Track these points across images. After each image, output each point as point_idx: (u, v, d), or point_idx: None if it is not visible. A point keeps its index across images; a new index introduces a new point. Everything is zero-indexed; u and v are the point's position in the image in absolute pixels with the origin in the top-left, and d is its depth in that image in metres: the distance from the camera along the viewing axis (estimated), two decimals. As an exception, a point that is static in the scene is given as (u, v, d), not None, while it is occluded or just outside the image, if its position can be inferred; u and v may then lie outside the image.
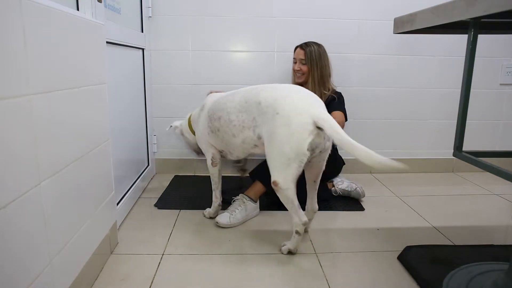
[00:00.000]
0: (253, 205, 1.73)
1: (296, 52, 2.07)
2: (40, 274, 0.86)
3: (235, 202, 1.72)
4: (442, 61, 2.45)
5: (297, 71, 2.05)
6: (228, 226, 1.63)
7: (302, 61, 2.03)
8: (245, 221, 1.70)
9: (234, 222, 1.64)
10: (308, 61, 2.01)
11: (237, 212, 1.67)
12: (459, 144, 1.07)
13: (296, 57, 2.06)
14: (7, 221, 0.74)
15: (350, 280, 1.28)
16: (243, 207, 1.69)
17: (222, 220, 1.64)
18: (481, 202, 2.06)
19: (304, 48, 2.03)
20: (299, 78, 2.06)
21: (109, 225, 1.39)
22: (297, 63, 2.04)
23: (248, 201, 1.72)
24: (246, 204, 1.71)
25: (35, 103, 0.85)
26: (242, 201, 1.72)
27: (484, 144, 2.57)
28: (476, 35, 0.98)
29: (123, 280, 1.24)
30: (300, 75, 2.05)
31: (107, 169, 1.36)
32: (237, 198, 1.74)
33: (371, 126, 2.50)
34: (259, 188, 1.75)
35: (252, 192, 1.76)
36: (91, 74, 1.20)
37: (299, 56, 2.04)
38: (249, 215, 1.72)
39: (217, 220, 1.64)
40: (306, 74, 2.03)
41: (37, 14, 0.86)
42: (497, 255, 1.36)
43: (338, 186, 2.03)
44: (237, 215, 1.66)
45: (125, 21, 1.85)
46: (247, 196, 1.74)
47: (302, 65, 2.03)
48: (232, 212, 1.66)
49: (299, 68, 2.03)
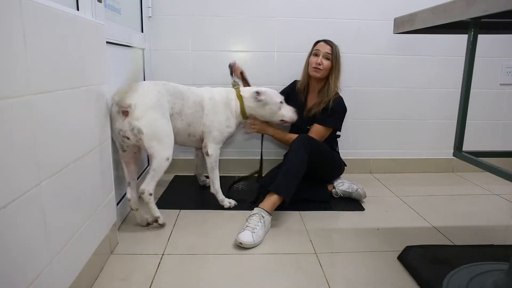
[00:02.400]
0: (269, 218, 1.62)
1: (319, 45, 2.00)
2: (40, 274, 0.86)
3: (253, 217, 1.57)
4: (442, 61, 2.45)
5: (318, 65, 1.96)
6: (253, 246, 1.47)
7: (328, 56, 1.96)
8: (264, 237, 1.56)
9: (257, 241, 1.49)
10: (334, 58, 1.96)
11: (258, 229, 1.52)
12: (459, 144, 1.07)
13: (320, 50, 1.97)
14: (7, 221, 0.74)
15: (350, 280, 1.28)
16: (262, 222, 1.56)
17: (245, 239, 1.46)
18: (481, 202, 2.06)
19: (330, 43, 1.98)
20: (317, 72, 1.98)
21: (109, 225, 1.39)
22: (320, 57, 1.96)
23: (266, 215, 1.60)
24: (265, 219, 1.58)
25: (35, 103, 0.85)
26: (261, 215, 1.58)
27: (484, 144, 2.57)
28: (476, 35, 0.98)
29: (123, 280, 1.24)
30: (318, 70, 1.97)
31: (107, 169, 1.36)
32: (254, 213, 1.60)
33: (371, 126, 2.50)
34: (276, 200, 1.66)
35: (269, 205, 1.65)
36: (91, 74, 1.19)
37: (324, 49, 1.96)
38: (266, 230, 1.59)
39: (241, 241, 1.46)
40: (326, 70, 1.97)
41: (37, 14, 0.86)
42: (497, 255, 1.36)
43: (339, 188, 2.00)
44: (258, 232, 1.51)
45: (125, 21, 1.85)
46: (264, 210, 1.61)
47: (325, 60, 1.96)
48: (253, 230, 1.51)
49: (321, 62, 1.96)
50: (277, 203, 1.67)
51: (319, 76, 1.99)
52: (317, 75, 1.99)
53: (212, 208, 1.85)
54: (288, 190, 1.68)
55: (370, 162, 2.55)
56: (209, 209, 1.85)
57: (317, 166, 1.85)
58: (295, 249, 1.48)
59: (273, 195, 1.67)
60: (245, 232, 1.50)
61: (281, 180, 1.69)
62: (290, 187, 1.69)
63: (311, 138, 1.87)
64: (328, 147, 1.98)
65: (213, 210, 1.84)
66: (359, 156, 2.52)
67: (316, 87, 2.06)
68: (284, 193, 1.67)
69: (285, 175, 1.71)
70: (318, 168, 1.88)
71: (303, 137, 1.83)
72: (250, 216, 1.59)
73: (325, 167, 1.96)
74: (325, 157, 1.91)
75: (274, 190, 1.67)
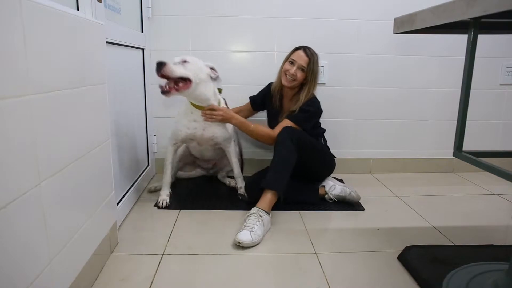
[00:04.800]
0: (268, 218, 1.61)
1: (296, 54, 1.91)
2: (40, 274, 0.86)
3: (251, 216, 1.57)
4: (442, 61, 2.45)
5: (290, 75, 1.90)
6: (252, 245, 1.47)
7: (302, 68, 1.89)
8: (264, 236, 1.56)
9: (256, 240, 1.48)
10: (309, 71, 1.89)
11: (256, 228, 1.51)
12: (459, 144, 1.07)
13: (296, 60, 1.89)
14: (7, 221, 0.74)
15: (350, 280, 1.28)
16: (261, 221, 1.55)
17: (244, 238, 1.46)
18: (481, 202, 2.06)
19: (309, 55, 1.89)
20: (289, 82, 1.91)
21: (109, 225, 1.39)
22: (295, 68, 1.89)
23: (264, 214, 1.59)
24: (263, 218, 1.57)
25: (35, 103, 0.85)
26: (258, 215, 1.57)
27: (484, 144, 2.57)
28: (476, 35, 0.98)
29: (123, 280, 1.24)
30: (291, 80, 1.90)
31: (107, 169, 1.36)
32: (252, 212, 1.60)
33: (371, 126, 2.50)
34: (271, 197, 1.66)
35: (265, 203, 1.64)
36: (91, 74, 1.19)
37: (300, 61, 1.88)
38: (266, 230, 1.58)
39: (239, 240, 1.45)
40: (299, 81, 1.91)
41: (37, 14, 0.86)
42: (497, 255, 1.36)
43: (331, 192, 1.93)
44: (257, 231, 1.50)
45: (125, 21, 1.85)
46: (262, 209, 1.61)
47: (300, 71, 1.89)
48: (251, 229, 1.50)
49: (295, 73, 1.89)
50: (273, 200, 1.67)
51: (289, 86, 1.93)
52: (288, 85, 1.93)
53: (212, 208, 1.85)
54: (280, 183, 1.67)
55: (370, 162, 2.55)
56: (209, 209, 1.85)
57: (305, 156, 1.80)
58: (295, 249, 1.48)
59: (267, 193, 1.67)
60: (243, 231, 1.49)
61: (271, 174, 1.69)
62: (281, 179, 1.68)
63: (295, 128, 1.84)
64: (314, 139, 1.94)
65: (213, 210, 1.84)
66: (359, 156, 2.52)
67: (289, 93, 2.01)
68: (276, 187, 1.66)
69: (274, 169, 1.71)
70: (305, 157, 1.82)
71: (286, 129, 1.81)
72: (248, 216, 1.58)
73: (313, 158, 1.90)
74: (311, 146, 1.87)
75: (266, 185, 1.67)
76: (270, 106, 2.10)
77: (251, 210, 1.62)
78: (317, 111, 1.97)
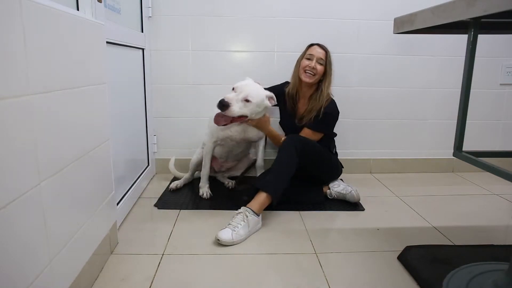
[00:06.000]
0: (256, 219, 1.59)
1: (313, 49, 1.96)
2: (40, 274, 0.86)
3: (237, 216, 1.58)
4: (442, 61, 2.45)
5: (311, 69, 1.92)
6: (231, 244, 1.48)
7: (321, 61, 1.92)
8: (248, 237, 1.55)
9: (236, 240, 1.49)
10: (328, 64, 1.94)
11: (239, 228, 1.52)
12: (459, 144, 1.07)
13: (314, 54, 1.93)
14: (7, 221, 0.74)
15: (350, 280, 1.28)
16: (246, 222, 1.55)
17: (224, 236, 1.48)
18: (481, 202, 2.06)
19: (325, 49, 1.95)
20: (309, 78, 1.93)
21: (109, 225, 1.39)
22: (314, 61, 1.92)
23: (251, 215, 1.58)
24: (249, 219, 1.56)
25: (35, 103, 0.85)
26: (245, 215, 1.57)
27: (484, 144, 2.57)
28: (476, 35, 0.98)
29: (123, 280, 1.24)
30: (311, 75, 1.93)
31: (107, 169, 1.36)
32: (239, 211, 1.61)
33: (371, 126, 2.50)
34: (264, 199, 1.64)
35: (256, 204, 1.63)
36: (91, 74, 1.19)
37: (318, 54, 1.93)
38: (251, 231, 1.57)
39: (219, 237, 1.48)
40: (319, 75, 1.94)
41: (37, 14, 0.86)
42: (497, 255, 1.36)
43: (334, 189, 1.97)
44: (239, 231, 1.51)
45: (125, 21, 1.85)
46: (250, 210, 1.60)
47: (319, 65, 1.92)
48: (234, 228, 1.51)
49: (315, 67, 1.91)
50: (265, 203, 1.65)
51: (311, 81, 1.94)
52: (309, 81, 1.94)
53: (212, 208, 1.86)
54: (275, 189, 1.67)
55: (370, 162, 2.55)
56: (209, 209, 1.85)
57: (310, 165, 1.83)
58: (295, 249, 1.48)
59: (262, 194, 1.66)
60: (226, 229, 1.51)
61: (269, 178, 1.71)
62: (277, 185, 1.68)
63: (302, 137, 1.86)
64: (321, 146, 1.95)
65: (213, 210, 1.84)
66: (359, 156, 2.52)
67: (307, 92, 2.02)
68: (271, 191, 1.66)
69: (273, 174, 1.72)
70: (311, 167, 1.85)
71: (292, 137, 1.83)
72: (235, 215, 1.59)
73: (319, 167, 1.92)
74: (318, 156, 1.88)
75: (261, 187, 1.68)
76: (283, 107, 2.09)
77: (239, 209, 1.62)
78: (336, 115, 2.01)
